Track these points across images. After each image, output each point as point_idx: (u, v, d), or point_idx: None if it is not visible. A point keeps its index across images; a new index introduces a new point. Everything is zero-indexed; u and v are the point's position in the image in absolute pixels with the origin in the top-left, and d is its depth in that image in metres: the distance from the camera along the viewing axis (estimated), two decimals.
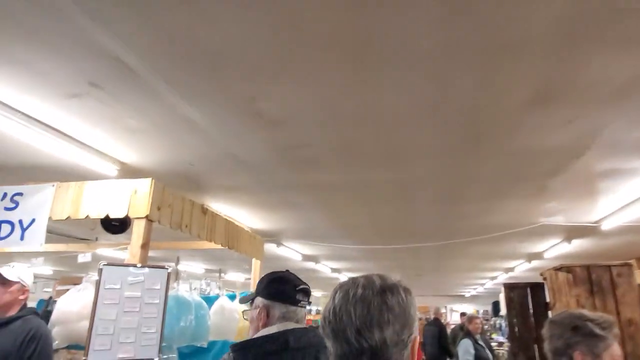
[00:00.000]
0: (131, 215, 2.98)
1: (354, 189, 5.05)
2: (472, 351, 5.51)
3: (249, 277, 5.57)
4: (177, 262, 8.46)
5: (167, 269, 3.01)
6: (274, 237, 7.64)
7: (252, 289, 5.45)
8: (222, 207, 5.77)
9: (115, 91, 3.03)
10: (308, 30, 2.41)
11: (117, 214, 3.01)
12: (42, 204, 3.15)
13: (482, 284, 17.61)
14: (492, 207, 5.78)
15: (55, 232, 6.48)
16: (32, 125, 3.35)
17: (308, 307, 1.75)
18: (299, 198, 5.46)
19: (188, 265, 11.92)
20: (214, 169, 4.47)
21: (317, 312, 20.17)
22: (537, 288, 5.44)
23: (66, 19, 2.33)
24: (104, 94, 3.06)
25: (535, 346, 5.08)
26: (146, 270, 2.92)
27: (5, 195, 3.24)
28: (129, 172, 4.13)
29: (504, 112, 3.28)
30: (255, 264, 5.62)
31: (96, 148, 3.90)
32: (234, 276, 13.63)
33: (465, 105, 3.19)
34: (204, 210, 4.05)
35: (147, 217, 2.94)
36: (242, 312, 1.91)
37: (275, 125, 3.52)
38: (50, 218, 3.10)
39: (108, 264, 2.84)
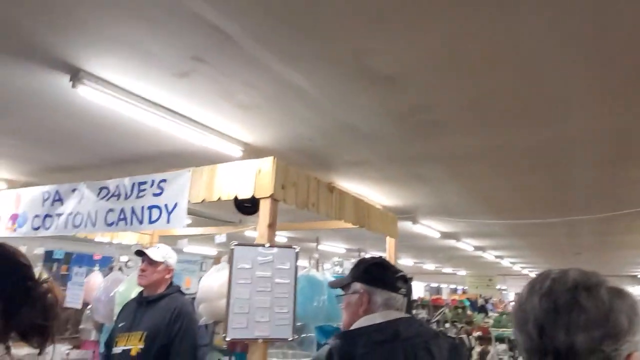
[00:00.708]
0: (257, 195, 2.95)
1: (491, 155, 4.36)
2: None
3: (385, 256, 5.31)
4: (317, 243, 8.64)
5: (295, 248, 2.92)
6: (408, 214, 7.23)
7: None
8: (350, 185, 5.55)
9: (220, 65, 2.93)
10: None
11: (244, 194, 3.00)
12: (182, 188, 3.29)
13: None
14: None
15: (204, 216, 7.04)
16: (158, 111, 3.50)
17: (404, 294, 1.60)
18: (429, 170, 4.95)
19: (329, 246, 12.18)
20: (334, 143, 4.24)
21: (463, 292, 19.22)
22: None
23: None
24: (210, 68, 2.97)
25: None
26: (275, 250, 2.86)
27: (153, 182, 3.47)
28: (253, 152, 4.14)
29: None
30: (390, 242, 5.34)
31: (217, 129, 3.94)
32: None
33: (636, 30, 2.42)
34: (331, 188, 3.89)
35: (271, 196, 2.87)
36: (336, 297, 1.79)
37: (388, 83, 3.08)
38: (189, 201, 3.24)
39: (238, 244, 2.85)
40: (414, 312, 9.85)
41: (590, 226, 7.95)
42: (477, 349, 9.33)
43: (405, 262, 17.72)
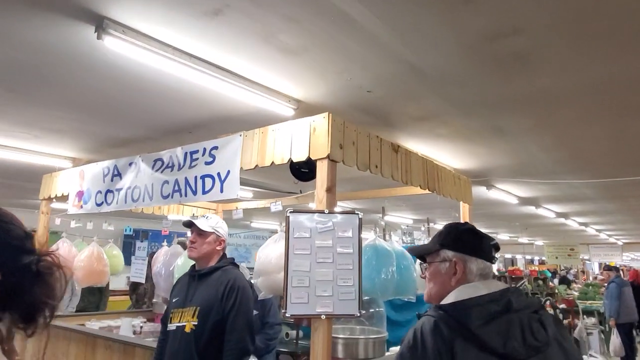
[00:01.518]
0: (312, 157, 2.67)
1: (587, 95, 3.62)
2: None
3: None
4: (383, 213, 8.28)
5: (357, 214, 2.60)
6: (482, 177, 6.54)
7: None
8: (417, 146, 5.01)
9: None
10: None
11: (299, 157, 2.73)
12: (233, 155, 3.11)
13: None
14: None
15: (266, 188, 6.89)
16: (193, 64, 3.14)
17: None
18: (509, 120, 4.26)
19: (395, 216, 11.75)
20: (397, 93, 3.71)
21: (540, 262, 18.19)
22: None
23: None
24: (243, 0, 2.53)
25: None
26: (335, 216, 2.56)
27: (205, 150, 3.30)
28: (306, 110, 3.76)
29: None
30: (464, 208, 4.86)
31: (261, 83, 3.56)
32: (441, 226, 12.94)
33: None
34: (395, 148, 3.51)
35: (328, 156, 2.56)
36: (420, 265, 1.59)
37: (461, 2, 2.47)
38: (242, 169, 3.02)
39: (294, 211, 2.58)
40: None
41: None
42: (564, 322, 8.69)
43: None
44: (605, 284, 8.75)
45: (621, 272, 10.21)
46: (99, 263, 4.41)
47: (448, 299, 1.38)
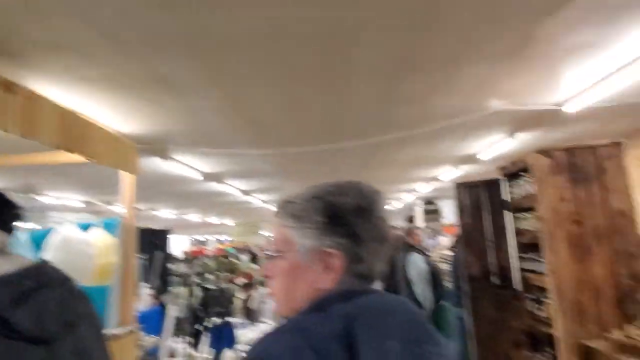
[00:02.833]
0: None
1: (261, 43, 3.31)
2: (424, 266, 5.03)
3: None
4: (31, 192, 6.67)
5: None
6: (155, 144, 5.89)
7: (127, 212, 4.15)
8: (60, 94, 3.90)
9: None
10: None
11: None
12: None
13: (400, 199, 17.44)
14: (445, 81, 4.32)
15: None
16: None
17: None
18: (175, 68, 3.63)
19: (57, 198, 9.90)
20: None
21: (231, 242, 19.49)
22: (493, 186, 4.83)
23: None
24: None
25: None
26: None
27: None
28: None
29: None
30: (126, 179, 4.23)
31: None
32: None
33: None
34: (10, 87, 2.58)
35: None
36: None
37: None
38: None
39: None
40: (172, 266, 8.96)
41: (354, 160, 8.01)
42: (242, 295, 9.47)
43: (165, 215, 16.46)
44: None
45: None
46: None
47: None
